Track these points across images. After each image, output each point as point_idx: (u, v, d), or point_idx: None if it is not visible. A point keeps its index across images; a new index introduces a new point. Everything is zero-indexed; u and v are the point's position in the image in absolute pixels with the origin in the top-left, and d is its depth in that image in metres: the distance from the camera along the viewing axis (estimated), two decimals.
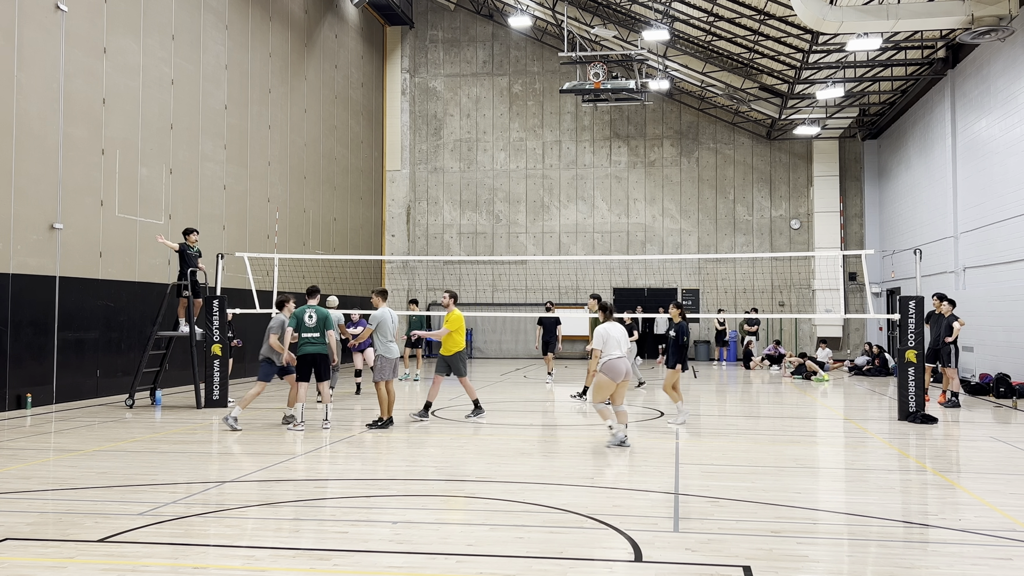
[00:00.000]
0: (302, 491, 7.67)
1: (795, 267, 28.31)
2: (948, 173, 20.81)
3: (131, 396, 14.18)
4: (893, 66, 21.27)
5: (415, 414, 12.57)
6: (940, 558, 5.70)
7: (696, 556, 5.61)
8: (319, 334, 11.59)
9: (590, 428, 12.00)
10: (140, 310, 16.47)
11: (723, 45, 24.03)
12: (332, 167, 25.83)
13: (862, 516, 6.84)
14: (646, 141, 29.32)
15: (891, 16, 16.62)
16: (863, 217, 28.21)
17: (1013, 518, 6.74)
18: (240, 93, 20.43)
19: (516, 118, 29.99)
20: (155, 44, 17.28)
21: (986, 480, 8.40)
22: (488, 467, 9.02)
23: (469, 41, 30.38)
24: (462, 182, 30.19)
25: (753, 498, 7.40)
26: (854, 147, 28.49)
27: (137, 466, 8.78)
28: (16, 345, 13.55)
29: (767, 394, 17.59)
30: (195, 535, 6.15)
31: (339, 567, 5.38)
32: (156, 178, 17.24)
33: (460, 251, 29.76)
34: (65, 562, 5.43)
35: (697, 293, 28.71)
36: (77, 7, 15.14)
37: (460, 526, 6.45)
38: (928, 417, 12.66)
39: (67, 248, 14.75)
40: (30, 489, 7.70)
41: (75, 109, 15.02)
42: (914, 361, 12.98)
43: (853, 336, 28.26)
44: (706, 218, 29.01)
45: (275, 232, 21.98)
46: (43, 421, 12.44)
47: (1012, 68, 17.08)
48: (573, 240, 29.55)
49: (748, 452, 10.04)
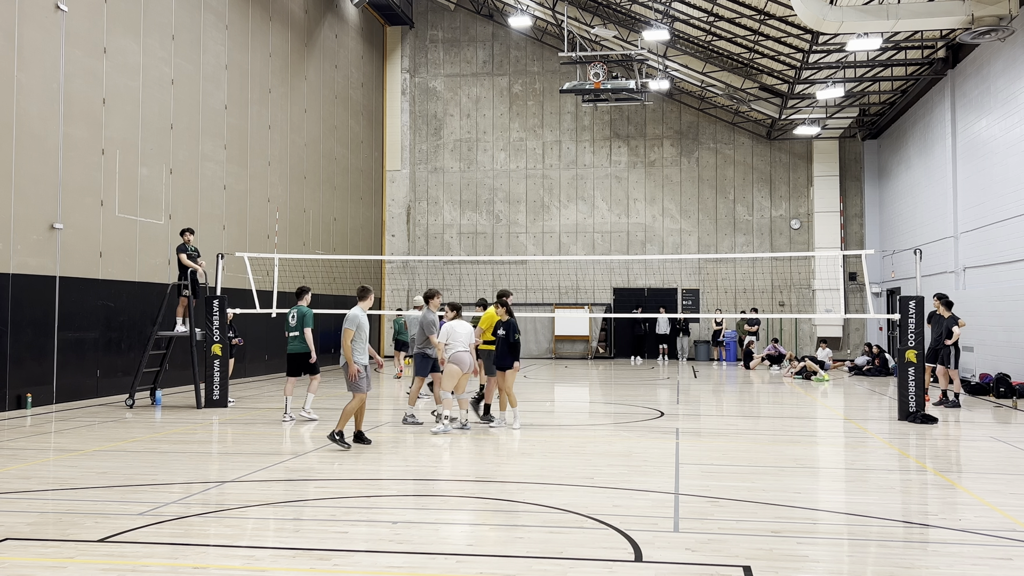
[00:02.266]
0: (302, 491, 7.67)
1: (795, 267, 28.31)
2: (948, 173, 20.81)
3: (131, 396, 14.18)
4: (893, 66, 21.27)
5: (480, 420, 12.48)
6: (940, 558, 5.70)
7: (696, 556, 5.61)
8: (299, 333, 12.70)
9: (593, 428, 12.00)
10: (140, 310, 16.48)
11: (723, 45, 24.03)
12: (332, 167, 25.83)
13: (862, 516, 6.84)
14: (646, 141, 29.32)
15: (891, 16, 16.61)
16: (863, 217, 28.21)
17: (1013, 518, 6.74)
18: (240, 93, 20.43)
19: (516, 118, 29.99)
20: (155, 44, 17.28)
21: (986, 480, 8.40)
22: (488, 467, 9.02)
23: (469, 41, 30.38)
24: (462, 182, 30.19)
25: (753, 498, 7.40)
26: (854, 147, 28.49)
27: (137, 466, 8.78)
28: (16, 345, 13.55)
29: (767, 394, 17.59)
30: (195, 535, 6.15)
31: (339, 567, 5.38)
32: (156, 178, 17.24)
33: (460, 251, 29.76)
34: (65, 562, 5.43)
35: (697, 293, 28.71)
36: (77, 7, 15.13)
37: (460, 526, 6.45)
38: (928, 417, 12.66)
39: (67, 248, 14.75)
40: (30, 489, 7.70)
41: (75, 109, 15.02)
42: (914, 361, 12.98)
43: (853, 336, 28.26)
44: (706, 218, 29.01)
45: (275, 232, 21.98)
46: (43, 421, 12.44)
47: (1012, 68, 17.08)
48: (573, 240, 29.55)
49: (748, 452, 10.04)
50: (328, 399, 15.50)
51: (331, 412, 13.25)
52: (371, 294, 10.43)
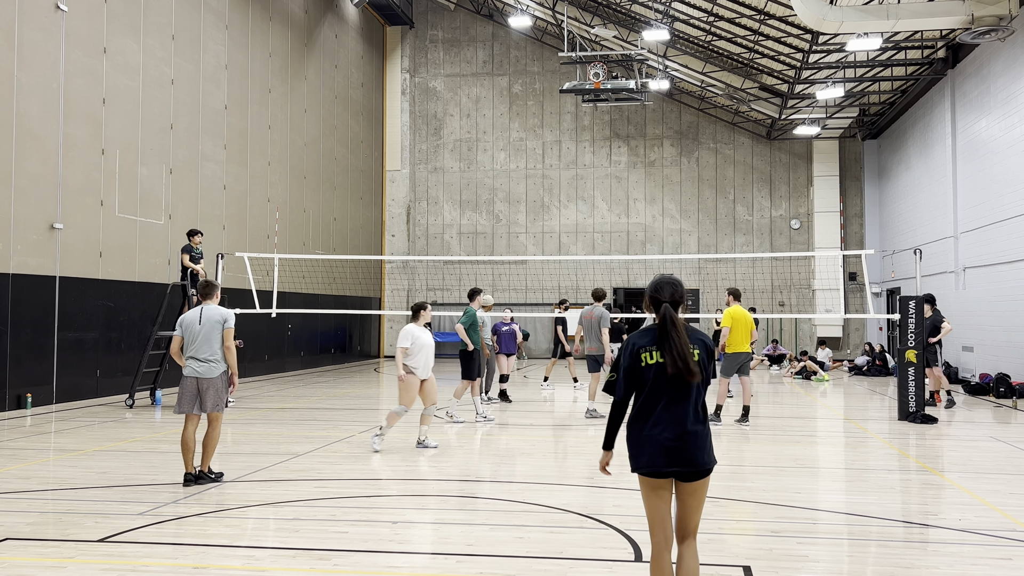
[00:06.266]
0: (302, 491, 7.67)
1: (795, 267, 28.31)
2: (948, 173, 20.81)
3: (131, 396, 14.18)
4: (893, 66, 21.27)
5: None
6: (940, 558, 5.70)
7: None
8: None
9: (593, 427, 12.00)
10: (140, 310, 16.47)
11: (723, 45, 24.02)
12: (332, 167, 25.83)
13: (862, 516, 6.83)
14: (646, 141, 29.32)
15: (891, 16, 16.61)
16: (863, 217, 28.21)
17: (1013, 518, 6.74)
18: (240, 93, 20.43)
19: (516, 118, 29.99)
20: (155, 44, 17.28)
21: (986, 480, 8.40)
22: (488, 467, 9.02)
23: (469, 41, 30.38)
24: (462, 182, 30.18)
25: (753, 498, 7.40)
26: (854, 147, 28.49)
27: (137, 466, 8.78)
28: (16, 345, 13.55)
29: (767, 394, 17.59)
30: (195, 535, 6.15)
31: (339, 567, 5.38)
32: (156, 178, 17.24)
33: (460, 251, 29.75)
34: (65, 562, 5.43)
35: (697, 293, 28.70)
36: (77, 7, 15.13)
37: (460, 526, 6.44)
38: (928, 417, 12.67)
39: (67, 248, 14.75)
40: (30, 489, 7.70)
41: (75, 109, 15.02)
42: (914, 361, 12.98)
43: (853, 336, 28.26)
44: (706, 218, 29.01)
45: (275, 232, 21.98)
46: (43, 421, 12.44)
47: (1012, 68, 17.07)
48: (573, 240, 29.55)
49: (748, 452, 10.04)
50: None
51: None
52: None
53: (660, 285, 4.27)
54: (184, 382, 7.86)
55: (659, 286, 4.27)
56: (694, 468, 4.10)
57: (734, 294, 12.74)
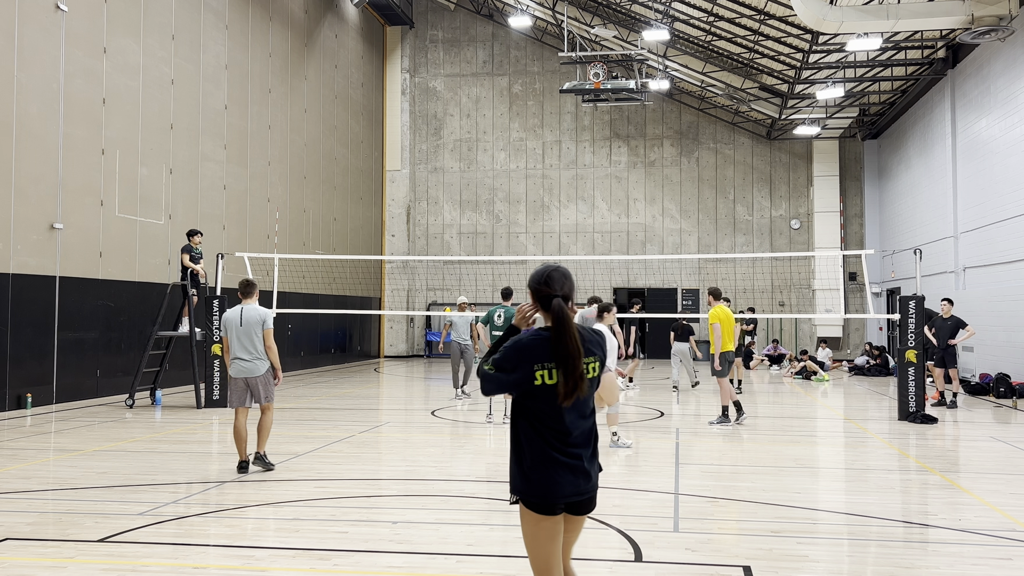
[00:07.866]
0: (302, 491, 7.67)
1: (795, 267, 28.30)
2: (948, 173, 20.81)
3: (131, 396, 14.18)
4: (893, 66, 21.27)
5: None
6: (940, 558, 5.70)
7: (696, 556, 5.61)
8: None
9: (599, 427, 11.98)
10: (140, 310, 16.47)
11: (723, 45, 24.02)
12: (332, 167, 25.83)
13: (862, 516, 6.83)
14: (646, 141, 29.32)
15: (891, 16, 16.61)
16: (863, 217, 28.21)
17: (1013, 518, 6.74)
18: (240, 93, 20.43)
19: (516, 118, 29.99)
20: (155, 44, 17.28)
21: (986, 480, 8.40)
22: (488, 467, 9.02)
23: (469, 41, 30.38)
24: (462, 182, 30.18)
25: (753, 498, 7.40)
26: (854, 147, 28.49)
27: (137, 466, 8.78)
28: (16, 345, 13.55)
29: (767, 394, 17.59)
30: (195, 535, 6.15)
31: (339, 567, 5.38)
32: (156, 178, 17.24)
33: (460, 251, 29.75)
34: (65, 562, 5.43)
35: (697, 293, 28.70)
36: (77, 7, 15.13)
37: (460, 526, 6.44)
38: (928, 417, 12.67)
39: (67, 248, 14.75)
40: (30, 489, 7.70)
41: (75, 109, 15.02)
42: (914, 361, 12.98)
43: (853, 336, 28.25)
44: (706, 218, 29.01)
45: (275, 232, 21.98)
46: (43, 421, 12.44)
47: (1012, 68, 17.07)
48: (573, 240, 29.55)
49: (748, 452, 10.04)
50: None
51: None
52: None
53: (549, 275, 3.55)
54: (234, 381, 8.42)
55: (548, 277, 3.55)
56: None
57: (714, 294, 12.58)
